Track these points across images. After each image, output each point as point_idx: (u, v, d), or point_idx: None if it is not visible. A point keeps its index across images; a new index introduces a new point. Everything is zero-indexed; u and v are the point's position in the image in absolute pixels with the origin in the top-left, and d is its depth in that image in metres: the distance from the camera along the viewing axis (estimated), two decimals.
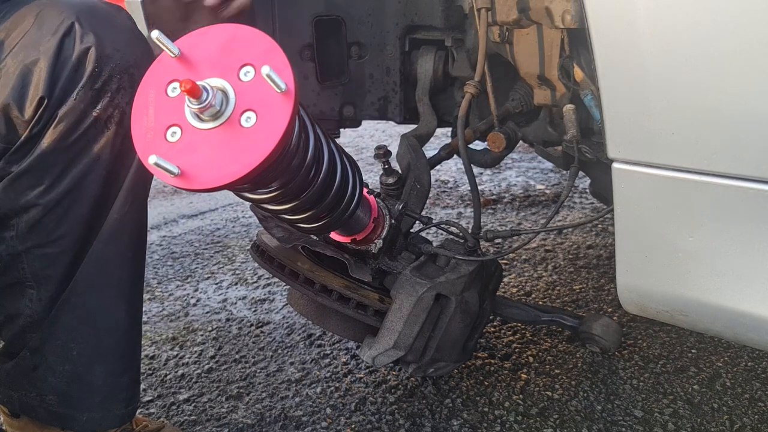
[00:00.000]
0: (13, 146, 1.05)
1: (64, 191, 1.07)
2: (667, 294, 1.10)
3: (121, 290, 1.16)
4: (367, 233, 1.39)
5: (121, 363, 1.19)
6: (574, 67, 1.32)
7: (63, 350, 1.13)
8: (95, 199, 1.09)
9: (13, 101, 1.03)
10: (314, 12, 1.72)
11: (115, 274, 1.15)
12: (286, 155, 0.91)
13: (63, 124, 1.04)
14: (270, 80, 0.80)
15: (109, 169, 1.09)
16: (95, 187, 1.08)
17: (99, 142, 1.07)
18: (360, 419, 1.53)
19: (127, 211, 1.12)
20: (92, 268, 1.12)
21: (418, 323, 1.33)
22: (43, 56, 1.02)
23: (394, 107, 1.81)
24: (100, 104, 1.05)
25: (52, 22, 1.04)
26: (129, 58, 1.07)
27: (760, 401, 1.51)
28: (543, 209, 2.78)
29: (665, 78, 0.96)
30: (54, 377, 1.14)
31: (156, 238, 2.72)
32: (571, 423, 1.48)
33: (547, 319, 1.64)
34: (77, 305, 1.12)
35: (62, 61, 1.03)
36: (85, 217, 1.10)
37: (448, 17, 1.64)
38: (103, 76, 1.04)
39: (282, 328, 1.94)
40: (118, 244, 1.13)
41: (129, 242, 1.15)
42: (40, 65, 1.02)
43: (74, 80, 1.03)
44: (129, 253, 1.16)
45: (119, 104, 1.06)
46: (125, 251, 1.15)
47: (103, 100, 1.05)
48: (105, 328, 1.16)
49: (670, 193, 1.02)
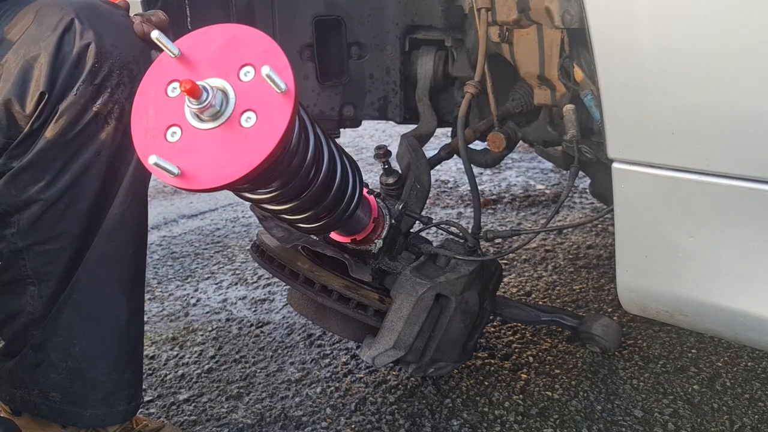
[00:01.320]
0: (15, 141, 1.06)
1: (64, 186, 1.07)
2: (667, 294, 1.10)
3: (122, 286, 1.16)
4: (367, 233, 1.39)
5: (123, 359, 1.19)
6: (574, 67, 1.32)
7: (65, 347, 1.14)
8: (96, 194, 1.10)
9: (14, 96, 1.03)
10: (314, 12, 1.72)
11: (117, 270, 1.15)
12: (286, 155, 0.91)
13: (63, 119, 1.04)
14: (270, 80, 0.80)
15: (109, 164, 1.09)
16: (96, 182, 1.09)
17: (99, 137, 1.07)
18: (360, 419, 1.53)
19: (128, 206, 1.12)
20: (93, 265, 1.12)
21: (418, 323, 1.33)
22: (43, 52, 1.03)
23: (394, 107, 1.81)
24: (100, 99, 1.05)
25: (52, 18, 1.04)
26: (128, 55, 1.07)
27: (760, 401, 1.51)
28: (543, 209, 2.78)
29: (665, 78, 0.96)
30: (56, 374, 1.15)
31: (156, 238, 2.72)
32: (571, 423, 1.48)
33: (547, 319, 1.64)
34: (79, 302, 1.13)
35: (62, 56, 1.03)
36: (86, 213, 1.10)
37: (448, 17, 1.64)
38: (103, 72, 1.05)
39: (282, 328, 1.94)
40: (119, 240, 1.13)
41: (130, 238, 1.15)
42: (41, 61, 1.03)
43: (74, 76, 1.04)
44: (130, 249, 1.16)
45: (119, 99, 1.06)
46: (126, 247, 1.15)
47: (103, 95, 1.05)
48: (107, 324, 1.16)
49: (670, 193, 1.02)
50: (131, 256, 1.17)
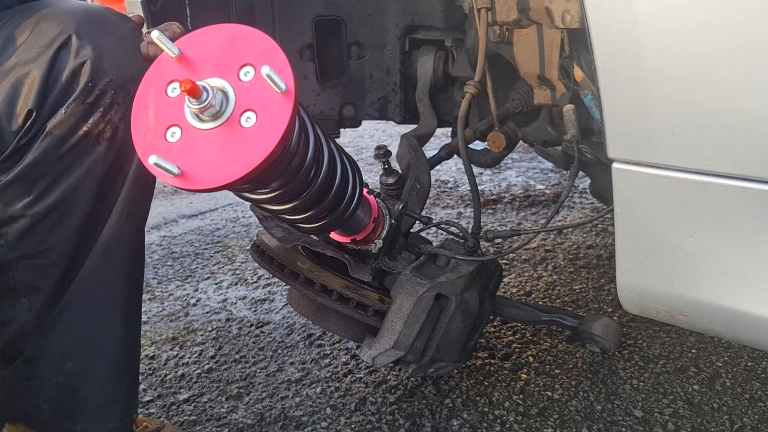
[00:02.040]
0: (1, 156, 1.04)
1: (53, 203, 1.05)
2: (667, 294, 1.10)
3: (116, 304, 1.15)
4: (367, 233, 1.39)
5: (116, 375, 1.18)
6: (574, 67, 1.32)
7: (57, 363, 1.13)
8: (86, 212, 1.08)
9: (2, 112, 1.02)
10: (314, 12, 1.72)
11: (110, 288, 1.14)
12: (286, 155, 0.91)
13: (51, 137, 1.02)
14: (270, 80, 0.80)
15: (101, 183, 1.07)
16: (86, 200, 1.07)
17: (90, 156, 1.05)
18: (360, 419, 1.53)
19: (123, 225, 1.10)
20: (87, 282, 1.11)
21: (418, 323, 1.33)
22: (37, 68, 1.01)
23: (394, 107, 1.81)
24: (91, 119, 1.03)
25: (50, 32, 1.03)
26: (126, 73, 1.05)
27: (760, 401, 1.51)
28: (543, 209, 2.78)
29: (665, 78, 0.96)
30: (48, 388, 1.14)
31: (156, 238, 2.72)
32: (571, 423, 1.48)
33: (547, 319, 1.64)
34: (71, 318, 1.11)
35: (55, 74, 1.01)
36: (76, 230, 1.08)
37: (448, 17, 1.64)
38: (96, 91, 1.03)
39: (282, 328, 1.94)
40: (113, 259, 1.12)
41: (125, 257, 1.14)
42: (33, 76, 1.01)
43: (66, 93, 1.02)
44: (124, 267, 1.14)
45: (112, 119, 1.04)
46: (121, 266, 1.14)
47: (95, 114, 1.03)
48: (100, 341, 1.15)
49: (670, 193, 1.02)
50: (126, 274, 1.15)
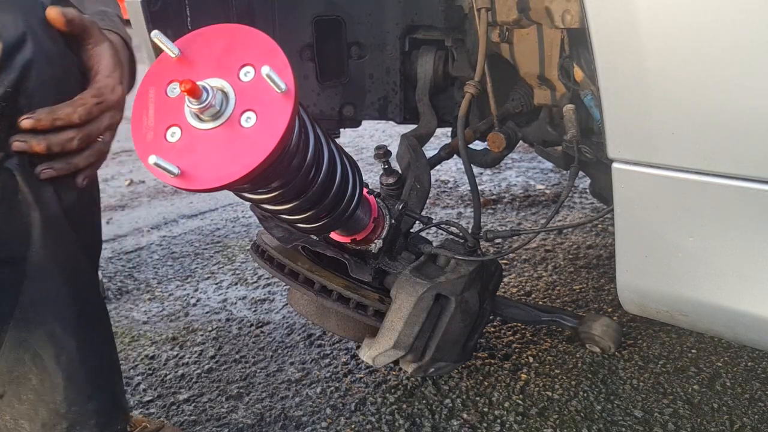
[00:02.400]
0: None
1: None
2: (667, 294, 1.10)
3: (65, 326, 1.11)
4: (367, 233, 1.39)
5: (82, 393, 1.15)
6: (574, 67, 1.32)
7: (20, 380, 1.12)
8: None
9: None
10: (314, 12, 1.72)
11: (51, 311, 1.10)
12: (286, 155, 0.91)
13: None
14: (270, 80, 0.80)
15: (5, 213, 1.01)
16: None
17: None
18: (360, 419, 1.53)
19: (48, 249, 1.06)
20: (26, 307, 1.08)
21: (418, 323, 1.33)
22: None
23: (394, 107, 1.81)
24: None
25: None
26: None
27: (760, 401, 1.51)
28: (543, 209, 2.78)
29: (665, 78, 0.96)
30: (19, 404, 1.14)
31: (156, 238, 2.72)
32: (571, 423, 1.48)
33: (547, 319, 1.64)
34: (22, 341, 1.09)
35: None
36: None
37: (448, 17, 1.64)
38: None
39: (282, 328, 1.94)
40: (47, 283, 1.08)
41: (61, 279, 1.09)
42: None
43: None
44: (64, 289, 1.10)
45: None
46: (59, 287, 1.10)
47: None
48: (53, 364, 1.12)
49: (670, 193, 1.02)
50: (68, 294, 1.11)
